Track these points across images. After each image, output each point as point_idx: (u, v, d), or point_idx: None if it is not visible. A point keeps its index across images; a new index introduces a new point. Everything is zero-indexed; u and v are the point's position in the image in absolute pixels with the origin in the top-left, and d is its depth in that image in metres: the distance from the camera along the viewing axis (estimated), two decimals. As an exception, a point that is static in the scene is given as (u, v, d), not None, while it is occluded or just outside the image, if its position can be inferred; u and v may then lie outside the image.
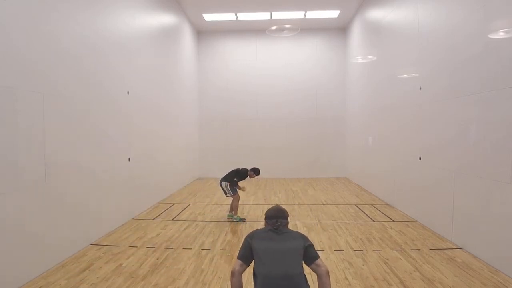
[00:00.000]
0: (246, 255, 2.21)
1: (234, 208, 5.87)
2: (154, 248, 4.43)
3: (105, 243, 4.60)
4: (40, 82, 3.64)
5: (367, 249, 4.36)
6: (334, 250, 4.34)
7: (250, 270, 2.29)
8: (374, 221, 5.67)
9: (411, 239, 4.71)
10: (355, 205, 6.94)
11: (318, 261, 2.16)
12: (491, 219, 3.83)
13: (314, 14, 9.69)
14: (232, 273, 2.17)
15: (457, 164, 4.46)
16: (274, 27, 8.47)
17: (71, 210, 4.17)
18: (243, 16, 9.75)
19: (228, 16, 9.81)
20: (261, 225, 5.50)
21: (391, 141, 6.92)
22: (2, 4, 3.15)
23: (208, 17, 9.85)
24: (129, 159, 5.80)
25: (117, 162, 5.40)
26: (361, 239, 4.77)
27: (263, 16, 9.72)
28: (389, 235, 4.91)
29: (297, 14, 9.66)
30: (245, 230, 5.26)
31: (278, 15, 9.65)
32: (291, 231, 2.32)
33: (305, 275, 2.15)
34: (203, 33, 11.13)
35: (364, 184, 9.00)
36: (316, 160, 11.07)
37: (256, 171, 6.04)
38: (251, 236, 2.28)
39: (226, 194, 5.92)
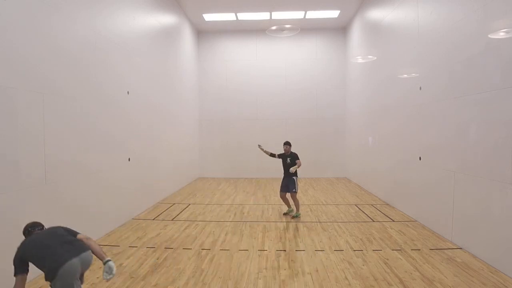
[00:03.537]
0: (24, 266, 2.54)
1: (298, 204, 6.00)
2: (154, 248, 4.43)
3: (105, 243, 4.60)
4: (40, 82, 3.64)
5: (367, 249, 4.36)
6: (334, 250, 4.34)
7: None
8: (374, 221, 5.67)
9: (411, 239, 4.71)
10: (355, 205, 6.94)
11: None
12: (491, 219, 3.83)
13: (314, 14, 9.69)
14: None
15: (457, 164, 4.46)
16: (274, 27, 8.47)
17: (71, 210, 4.17)
18: (243, 16, 9.75)
19: (228, 16, 9.81)
20: (261, 225, 5.51)
21: (391, 141, 6.92)
22: (2, 4, 3.15)
23: (208, 17, 9.85)
24: (129, 159, 5.80)
25: (117, 162, 5.40)
26: (361, 239, 4.77)
27: (263, 16, 9.72)
28: (389, 235, 4.91)
29: (297, 14, 9.66)
30: (246, 230, 5.26)
31: (278, 15, 9.65)
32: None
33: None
34: (203, 33, 11.13)
35: (364, 184, 9.00)
36: (316, 160, 11.06)
37: (287, 144, 6.55)
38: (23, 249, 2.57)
39: (293, 190, 5.93)
